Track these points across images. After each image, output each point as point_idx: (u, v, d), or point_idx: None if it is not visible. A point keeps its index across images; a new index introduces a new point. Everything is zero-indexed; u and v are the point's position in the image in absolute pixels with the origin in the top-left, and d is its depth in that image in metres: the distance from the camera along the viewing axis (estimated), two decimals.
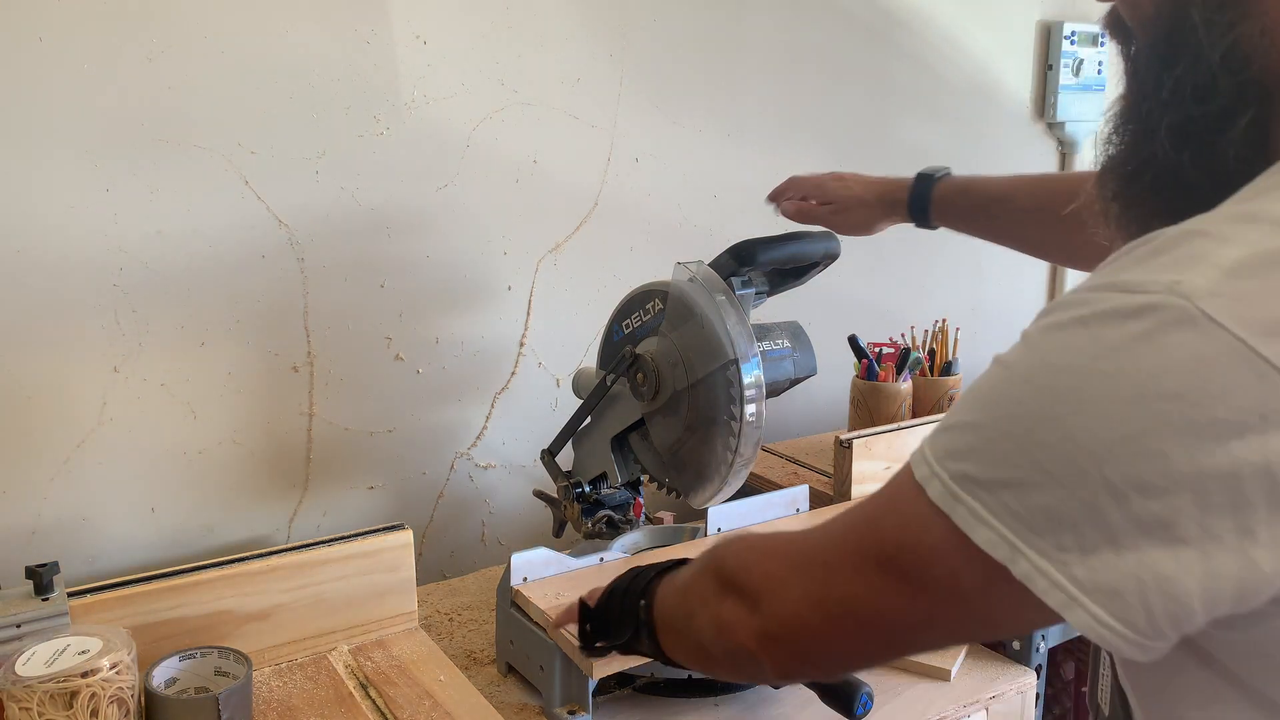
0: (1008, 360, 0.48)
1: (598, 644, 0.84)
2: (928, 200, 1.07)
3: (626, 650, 0.82)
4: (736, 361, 0.97)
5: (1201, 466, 0.41)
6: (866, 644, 0.56)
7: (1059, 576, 0.44)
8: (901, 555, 0.51)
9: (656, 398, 1.04)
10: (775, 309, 1.25)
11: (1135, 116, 0.56)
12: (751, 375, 0.97)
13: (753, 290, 1.13)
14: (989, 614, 0.50)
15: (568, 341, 1.39)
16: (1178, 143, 0.52)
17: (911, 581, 0.51)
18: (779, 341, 1.09)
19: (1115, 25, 0.60)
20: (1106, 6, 0.60)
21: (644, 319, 1.07)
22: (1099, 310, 0.44)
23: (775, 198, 1.23)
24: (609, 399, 1.10)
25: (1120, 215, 0.58)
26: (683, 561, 0.77)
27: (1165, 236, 0.45)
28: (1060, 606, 0.45)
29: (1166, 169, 0.53)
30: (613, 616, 0.80)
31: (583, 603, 0.86)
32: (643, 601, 0.76)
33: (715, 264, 1.08)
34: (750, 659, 0.60)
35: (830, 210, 1.09)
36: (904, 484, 0.51)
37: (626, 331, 1.09)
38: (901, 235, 1.23)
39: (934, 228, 1.09)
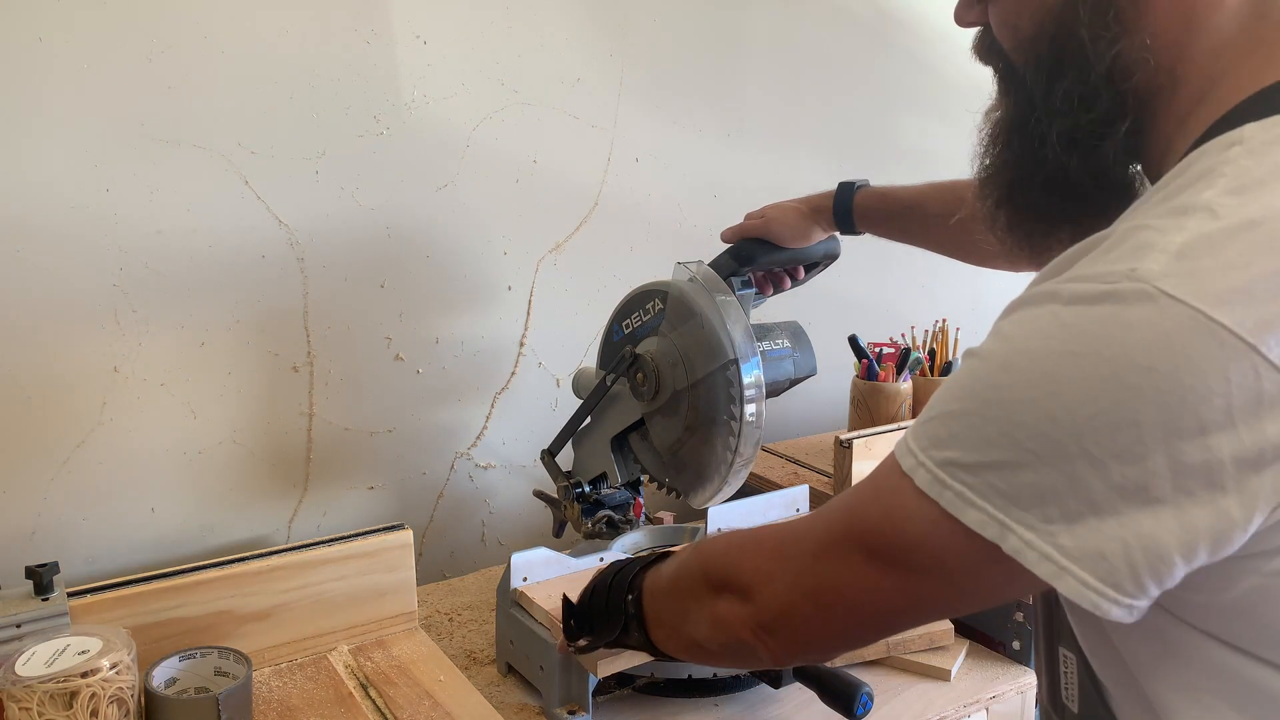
0: (982, 352, 0.50)
1: (581, 640, 0.85)
2: (849, 207, 1.11)
3: (612, 645, 0.82)
4: (736, 361, 0.97)
5: (1173, 431, 0.44)
6: (858, 627, 0.58)
7: (1047, 548, 0.47)
8: (888, 542, 0.53)
9: (656, 398, 1.04)
10: (775, 309, 1.25)
11: (1022, 128, 0.60)
12: (751, 375, 0.97)
13: (753, 290, 1.14)
14: (977, 590, 0.52)
15: (568, 341, 1.39)
16: (1067, 148, 0.57)
17: (899, 566, 0.53)
18: (779, 341, 1.09)
19: (986, 49, 0.65)
20: (974, 31, 0.65)
21: (644, 319, 1.07)
22: (1065, 300, 0.47)
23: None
24: (609, 399, 1.10)
25: (1010, 220, 0.63)
26: (665, 555, 0.77)
27: (1112, 236, 0.48)
28: (1050, 576, 0.47)
29: (1056, 173, 0.58)
30: (597, 611, 0.81)
31: (566, 598, 0.87)
32: (630, 595, 0.77)
33: (715, 264, 1.08)
34: (747, 650, 0.62)
35: (768, 220, 1.11)
36: (889, 475, 0.53)
37: (626, 331, 1.09)
38: None
39: (859, 233, 1.13)
